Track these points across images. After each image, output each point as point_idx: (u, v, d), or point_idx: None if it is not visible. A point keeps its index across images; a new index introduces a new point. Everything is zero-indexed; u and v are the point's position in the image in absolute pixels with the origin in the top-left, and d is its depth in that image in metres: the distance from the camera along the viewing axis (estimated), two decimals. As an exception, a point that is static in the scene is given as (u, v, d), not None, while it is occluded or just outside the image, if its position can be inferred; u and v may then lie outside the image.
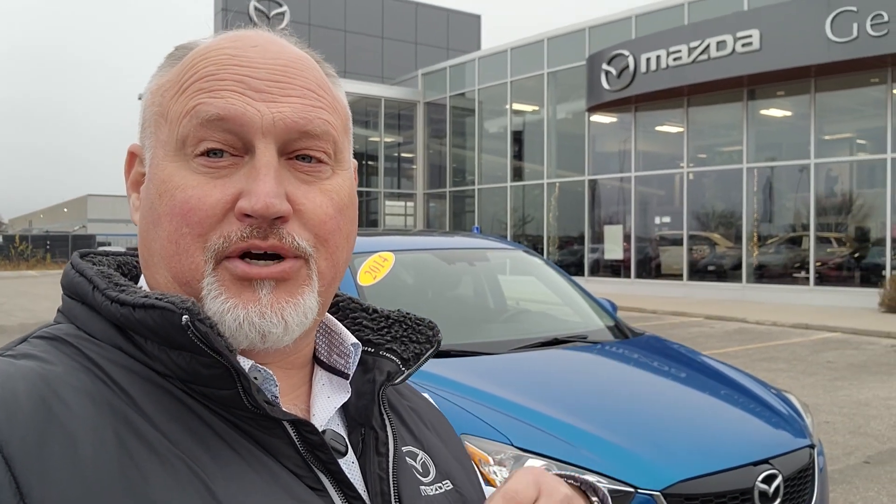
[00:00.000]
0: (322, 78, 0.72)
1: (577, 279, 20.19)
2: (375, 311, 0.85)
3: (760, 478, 2.70)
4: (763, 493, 2.70)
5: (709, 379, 3.52)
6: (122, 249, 0.82)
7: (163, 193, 0.67)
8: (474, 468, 0.87)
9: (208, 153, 0.66)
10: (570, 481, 0.76)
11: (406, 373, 0.79)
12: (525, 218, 24.29)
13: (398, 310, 0.85)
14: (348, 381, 0.77)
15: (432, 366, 3.25)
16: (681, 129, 19.39)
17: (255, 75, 0.67)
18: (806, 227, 17.02)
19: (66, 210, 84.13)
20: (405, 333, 0.82)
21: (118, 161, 0.81)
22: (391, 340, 0.81)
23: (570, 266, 21.89)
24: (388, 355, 0.79)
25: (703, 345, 11.00)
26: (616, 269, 21.03)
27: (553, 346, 3.68)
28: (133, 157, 0.75)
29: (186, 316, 0.61)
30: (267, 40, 0.71)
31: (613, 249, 20.98)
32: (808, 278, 16.84)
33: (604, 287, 19.57)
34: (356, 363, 0.77)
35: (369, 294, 3.77)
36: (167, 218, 0.67)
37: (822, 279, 16.70)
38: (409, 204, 28.98)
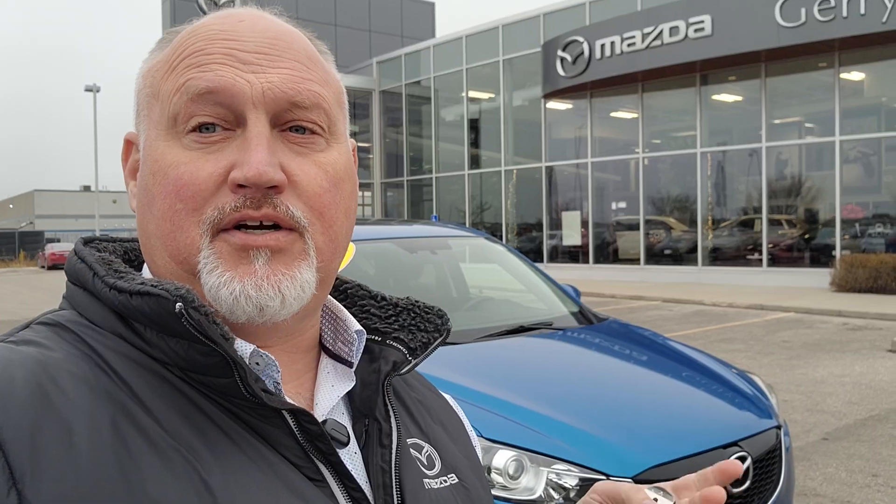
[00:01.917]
0: (312, 51, 0.71)
1: (536, 265, 20.38)
2: (384, 298, 0.83)
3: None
4: (733, 476, 2.69)
5: (675, 362, 3.52)
6: (131, 236, 0.81)
7: (156, 173, 0.66)
8: (481, 464, 0.85)
9: (200, 128, 0.66)
10: None
11: (413, 362, 0.77)
12: (483, 206, 24.31)
13: (407, 297, 0.83)
14: (353, 370, 0.75)
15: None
16: (635, 115, 19.57)
17: (243, 48, 0.67)
18: (758, 210, 17.34)
19: (11, 206, 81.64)
20: (413, 322, 0.80)
21: (66, 155, 0.72)
22: (399, 329, 0.79)
23: (529, 253, 21.98)
24: (394, 344, 0.78)
25: (661, 327, 11.13)
26: (574, 255, 21.20)
27: (518, 334, 3.63)
28: (129, 146, 0.75)
29: (180, 304, 0.60)
30: (255, 15, 0.70)
31: (571, 235, 21.13)
32: (761, 260, 17.18)
33: (563, 273, 19.70)
34: (360, 351, 0.75)
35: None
36: (161, 197, 0.66)
37: (774, 260, 17.06)
38: (367, 193, 28.79)
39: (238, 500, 0.59)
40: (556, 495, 2.51)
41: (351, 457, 0.69)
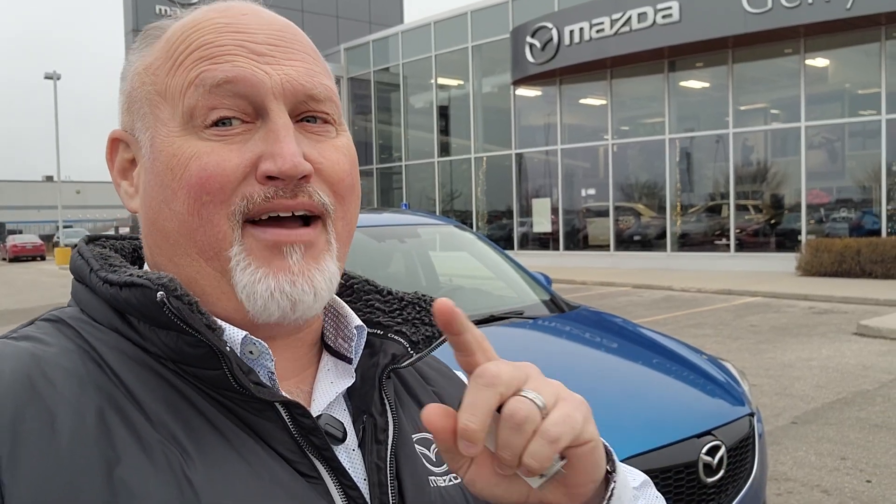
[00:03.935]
0: (312, 44, 0.72)
1: (507, 253, 20.27)
2: (390, 292, 0.82)
3: (704, 450, 2.66)
4: (707, 465, 2.65)
5: (648, 350, 3.48)
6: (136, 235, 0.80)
7: (174, 167, 0.65)
8: None
9: (218, 123, 0.65)
10: None
11: (415, 356, 0.75)
12: (453, 193, 24.23)
13: (415, 292, 0.82)
14: (353, 367, 0.74)
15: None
16: (604, 102, 19.60)
17: (255, 40, 0.66)
18: (725, 196, 17.50)
19: (-30, 197, 79.63)
20: (418, 315, 0.79)
21: (27, 144, 0.63)
22: (402, 322, 0.78)
23: (500, 240, 21.97)
24: (396, 338, 0.77)
25: (631, 313, 11.17)
26: (545, 242, 21.23)
27: (489, 324, 3.56)
28: (116, 144, 0.73)
29: (161, 292, 0.60)
30: (255, 8, 0.70)
31: (541, 222, 21.15)
32: (728, 245, 17.35)
33: (533, 260, 19.71)
34: (360, 347, 0.75)
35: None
36: (184, 191, 0.64)
37: (742, 245, 17.24)
38: (336, 182, 28.54)
39: (221, 496, 0.58)
40: (528, 489, 2.45)
41: (349, 454, 0.68)
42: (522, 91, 21.57)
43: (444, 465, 0.73)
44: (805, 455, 4.98)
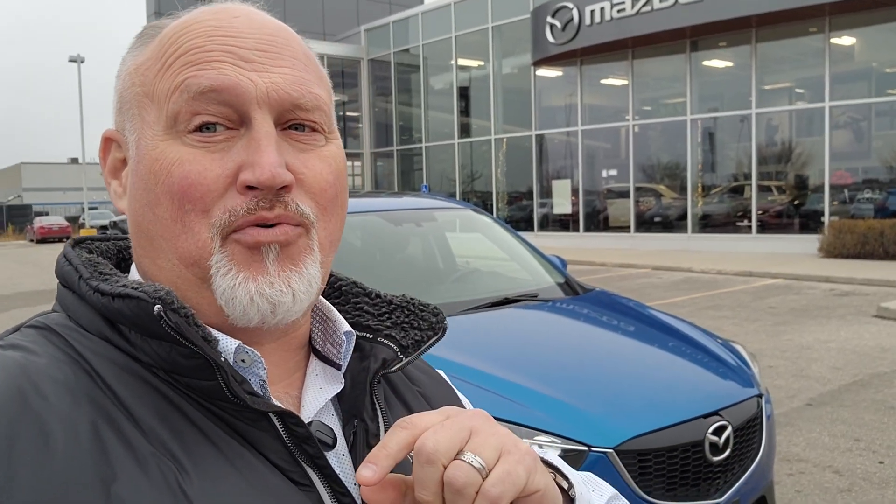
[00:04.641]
0: (306, 49, 0.71)
1: (526, 234, 20.14)
2: (378, 295, 0.82)
3: (711, 430, 2.73)
4: (713, 445, 2.72)
5: (658, 332, 3.54)
6: (126, 235, 0.79)
7: (157, 172, 0.65)
8: None
9: (202, 128, 0.64)
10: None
11: (404, 360, 0.76)
12: (474, 175, 24.24)
13: (403, 295, 0.82)
14: (341, 373, 0.74)
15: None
16: (626, 82, 19.46)
17: (244, 45, 0.66)
18: (748, 177, 17.36)
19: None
20: (407, 319, 0.79)
21: (53, 127, 0.70)
22: (391, 326, 0.78)
23: (520, 221, 21.98)
24: (385, 342, 0.77)
25: (650, 295, 11.19)
26: (565, 223, 21.22)
27: (504, 306, 3.64)
28: (109, 143, 0.73)
29: (159, 306, 0.60)
30: (248, 11, 0.69)
31: (562, 204, 21.12)
32: (750, 226, 17.23)
33: (553, 241, 19.74)
34: (349, 353, 0.74)
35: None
36: (167, 197, 0.64)
37: (763, 227, 17.12)
38: (356, 164, 28.64)
39: None
40: (538, 466, 2.54)
41: (339, 459, 0.68)
42: (543, 72, 21.47)
43: None
44: (818, 436, 5.02)
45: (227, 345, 0.65)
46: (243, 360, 0.65)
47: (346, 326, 0.75)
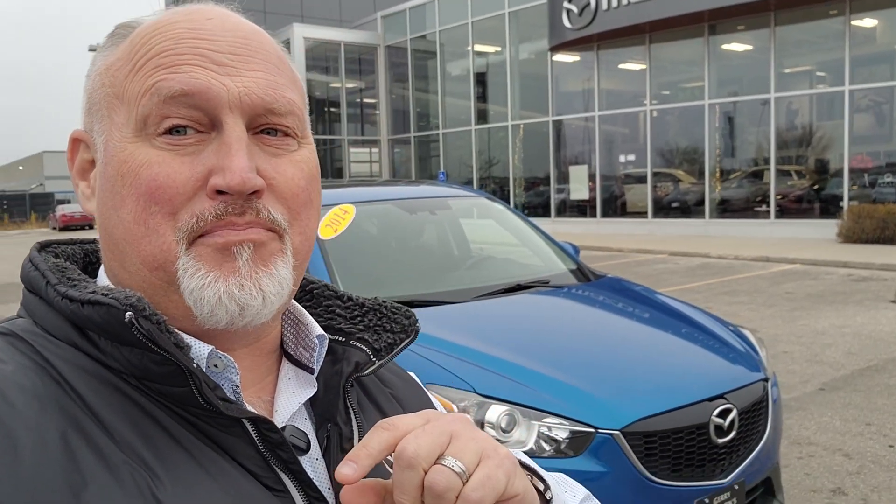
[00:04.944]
0: (279, 52, 0.70)
1: (543, 220, 20.09)
2: (350, 298, 0.82)
3: (716, 412, 2.80)
4: (718, 427, 2.80)
5: (667, 318, 3.61)
6: (92, 238, 0.78)
7: (125, 174, 0.64)
8: None
9: (172, 131, 0.63)
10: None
11: (377, 363, 0.76)
12: (491, 161, 24.24)
13: (374, 298, 0.82)
14: (314, 377, 0.74)
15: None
16: (643, 67, 19.36)
17: (216, 48, 0.65)
18: (767, 161, 17.24)
19: (21, 168, 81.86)
20: (379, 322, 0.79)
21: (73, 116, 0.75)
22: (363, 329, 0.78)
23: (537, 207, 21.99)
24: (358, 345, 0.77)
25: (666, 281, 11.21)
26: (582, 209, 21.20)
27: (516, 292, 3.72)
28: (77, 144, 0.71)
29: (130, 313, 0.59)
30: (222, 13, 0.68)
31: (579, 189, 21.10)
32: (768, 212, 17.14)
33: (570, 227, 19.75)
34: (322, 357, 0.74)
35: (331, 247, 3.77)
36: (132, 199, 0.63)
37: (782, 212, 17.02)
38: (374, 150, 28.72)
39: None
40: (547, 447, 2.63)
41: (312, 464, 0.68)
42: (560, 57, 21.39)
43: None
44: (830, 420, 5.07)
45: (200, 350, 0.64)
46: (216, 366, 0.64)
47: (319, 330, 0.75)
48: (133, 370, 0.62)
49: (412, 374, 0.90)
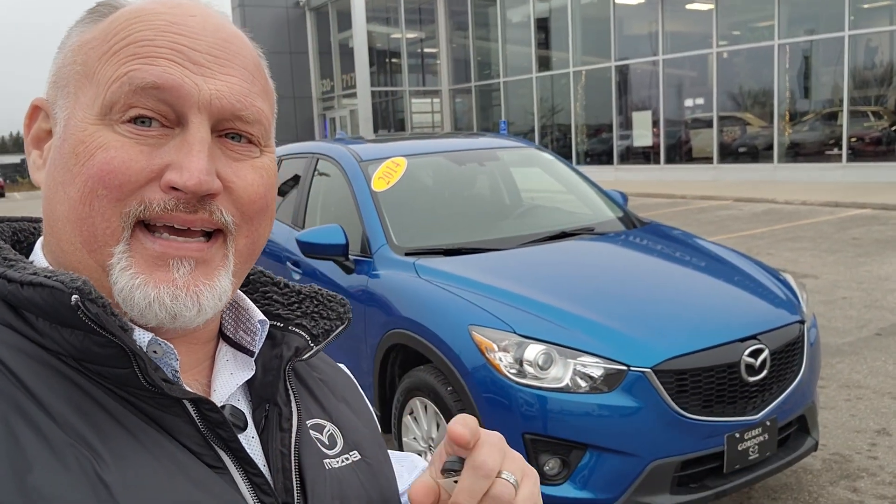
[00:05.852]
0: (257, 59, 0.71)
1: (606, 168, 19.82)
2: (287, 285, 0.84)
3: (747, 352, 2.92)
4: (749, 366, 2.92)
5: (706, 262, 3.70)
6: (20, 215, 0.78)
7: (80, 153, 0.63)
8: (381, 434, 0.89)
9: (136, 120, 0.63)
10: None
11: (315, 349, 0.79)
12: (553, 108, 23.97)
13: (311, 286, 0.85)
14: (253, 359, 0.76)
15: (443, 263, 3.48)
16: (710, 7, 18.70)
17: (195, 46, 0.65)
18: (840, 103, 16.58)
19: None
20: (316, 309, 0.82)
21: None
22: (301, 316, 0.81)
23: (601, 155, 21.74)
24: (297, 331, 0.79)
25: (728, 227, 11.08)
26: (646, 156, 20.86)
27: (561, 239, 3.87)
28: (37, 112, 0.71)
29: (76, 296, 0.59)
30: (205, 12, 0.68)
31: (643, 135, 20.72)
32: (840, 155, 16.55)
33: (634, 175, 19.51)
34: (262, 340, 0.76)
35: (385, 199, 3.97)
36: (82, 178, 0.63)
37: (855, 155, 16.41)
38: (436, 101, 28.71)
39: (135, 493, 0.58)
40: (583, 383, 2.81)
41: (248, 441, 0.70)
42: (623, -1, 20.84)
43: (337, 447, 0.78)
44: (883, 364, 5.08)
45: (142, 336, 0.64)
46: (155, 352, 0.65)
47: (260, 315, 0.77)
48: (73, 352, 0.62)
49: (342, 365, 0.95)
